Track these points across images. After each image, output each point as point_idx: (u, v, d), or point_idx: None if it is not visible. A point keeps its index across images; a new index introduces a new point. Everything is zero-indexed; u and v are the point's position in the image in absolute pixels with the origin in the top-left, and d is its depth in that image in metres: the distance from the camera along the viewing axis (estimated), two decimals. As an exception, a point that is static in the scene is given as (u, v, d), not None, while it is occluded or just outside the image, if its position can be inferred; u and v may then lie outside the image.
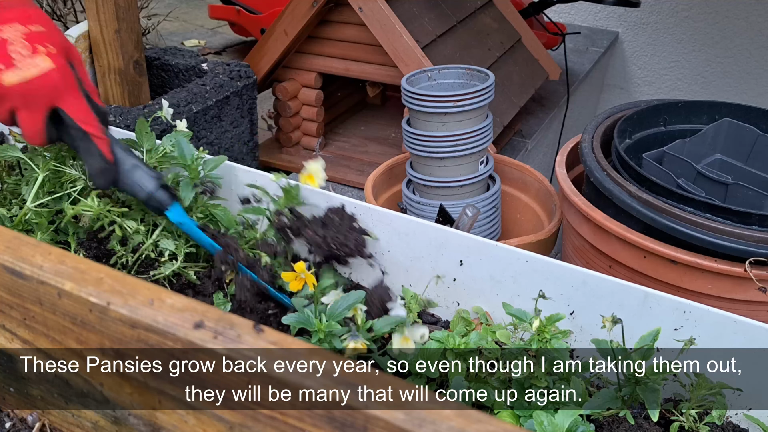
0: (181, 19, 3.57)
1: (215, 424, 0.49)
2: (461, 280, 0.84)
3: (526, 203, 1.56)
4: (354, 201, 0.87)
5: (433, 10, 1.80)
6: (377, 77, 1.81)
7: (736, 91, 2.93)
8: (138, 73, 1.53)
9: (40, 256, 0.54)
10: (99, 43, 1.47)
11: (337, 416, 0.41)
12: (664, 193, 1.13)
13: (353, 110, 2.25)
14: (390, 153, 1.95)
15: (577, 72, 2.53)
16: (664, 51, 3.01)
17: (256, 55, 1.86)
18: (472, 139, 1.38)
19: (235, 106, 1.62)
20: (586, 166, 1.27)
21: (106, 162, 0.74)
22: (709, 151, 1.37)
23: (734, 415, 0.73)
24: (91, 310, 0.51)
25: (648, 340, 0.66)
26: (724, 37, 2.88)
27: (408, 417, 0.39)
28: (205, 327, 0.46)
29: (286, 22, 1.77)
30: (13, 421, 0.66)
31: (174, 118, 1.44)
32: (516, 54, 2.02)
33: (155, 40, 2.93)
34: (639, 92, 3.13)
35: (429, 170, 1.43)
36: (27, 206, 0.79)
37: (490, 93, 1.37)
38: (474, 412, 0.39)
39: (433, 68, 1.48)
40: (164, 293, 0.49)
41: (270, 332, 0.45)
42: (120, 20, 1.44)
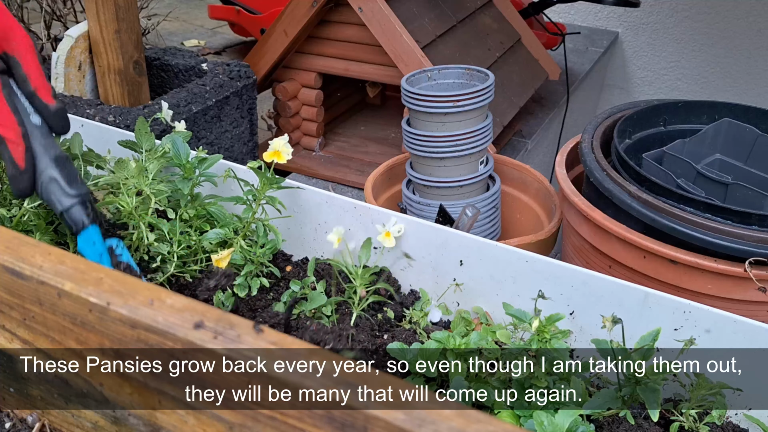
0: (181, 19, 3.57)
1: (215, 424, 0.49)
2: (461, 280, 0.84)
3: (526, 203, 1.56)
4: (354, 201, 0.87)
5: (433, 10, 1.80)
6: (377, 77, 1.81)
7: (736, 91, 2.93)
8: (138, 74, 1.53)
9: (40, 256, 0.54)
10: (99, 43, 1.47)
11: (337, 416, 0.41)
12: (664, 193, 1.13)
13: (353, 110, 2.25)
14: (390, 153, 1.95)
15: (577, 72, 2.53)
16: (664, 51, 3.01)
17: (255, 55, 1.86)
18: (472, 139, 1.38)
19: (235, 106, 1.62)
20: (585, 166, 1.27)
21: (17, 169, 0.69)
22: (709, 151, 1.37)
23: (734, 415, 0.73)
24: (90, 310, 0.51)
25: (648, 340, 0.66)
26: (724, 37, 2.88)
27: (408, 417, 0.39)
28: (205, 327, 0.46)
29: (286, 22, 1.77)
30: (13, 421, 0.66)
31: (174, 118, 1.44)
32: (516, 54, 2.02)
33: (155, 40, 2.92)
34: (639, 92, 3.13)
35: (429, 170, 1.43)
36: (25, 207, 0.79)
37: (490, 93, 1.37)
38: (474, 412, 0.39)
39: (433, 68, 1.48)
40: (164, 293, 0.49)
41: (270, 332, 0.45)
42: (120, 20, 1.44)
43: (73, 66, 1.49)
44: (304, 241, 0.93)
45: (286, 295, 0.82)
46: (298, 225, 0.92)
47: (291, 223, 0.92)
